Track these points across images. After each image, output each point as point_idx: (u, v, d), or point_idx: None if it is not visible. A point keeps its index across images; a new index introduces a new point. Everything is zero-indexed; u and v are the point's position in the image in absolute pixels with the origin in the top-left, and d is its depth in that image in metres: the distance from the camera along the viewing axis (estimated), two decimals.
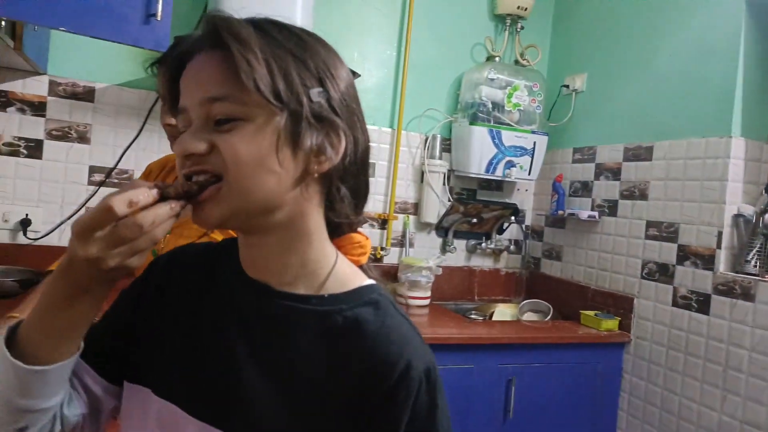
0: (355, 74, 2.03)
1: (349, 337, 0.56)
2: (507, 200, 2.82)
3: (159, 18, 1.48)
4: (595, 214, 2.42)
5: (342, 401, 0.54)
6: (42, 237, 2.07)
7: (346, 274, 0.61)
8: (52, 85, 2.07)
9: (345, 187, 0.59)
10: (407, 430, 0.53)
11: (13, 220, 2.04)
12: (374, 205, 2.60)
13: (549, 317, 2.45)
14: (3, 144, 2.02)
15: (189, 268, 0.66)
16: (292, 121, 0.54)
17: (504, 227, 2.81)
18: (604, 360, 2.27)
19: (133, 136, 2.11)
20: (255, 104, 0.53)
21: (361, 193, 0.62)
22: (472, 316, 2.49)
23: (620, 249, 2.34)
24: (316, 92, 0.55)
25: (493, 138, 2.51)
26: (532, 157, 2.61)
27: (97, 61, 2.11)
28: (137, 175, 2.17)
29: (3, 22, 1.50)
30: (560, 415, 2.21)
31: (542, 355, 2.18)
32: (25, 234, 2.05)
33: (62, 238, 2.10)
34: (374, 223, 2.60)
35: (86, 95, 2.11)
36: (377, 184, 2.60)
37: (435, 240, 2.73)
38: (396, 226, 2.64)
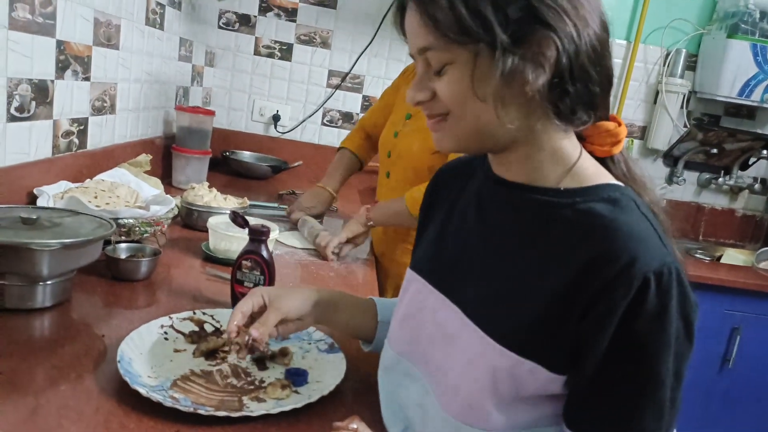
0: None
1: (577, 229, 0.55)
2: (759, 131, 2.42)
3: None
4: None
5: (560, 289, 0.54)
6: (288, 131, 2.37)
7: (586, 173, 0.60)
8: None
9: (572, 91, 0.56)
10: (631, 329, 0.51)
11: (267, 114, 2.36)
12: None
13: None
14: (263, 46, 2.31)
15: (454, 173, 0.77)
16: (489, 51, 0.54)
17: (750, 162, 2.44)
18: None
19: (368, 42, 2.25)
20: (455, 46, 0.55)
21: (598, 88, 0.58)
22: (697, 256, 2.26)
23: None
24: (513, 9, 0.53)
25: (755, 54, 2.14)
26: None
27: None
28: (368, 81, 2.33)
29: None
30: None
31: None
32: (275, 127, 2.36)
33: (303, 134, 2.38)
34: None
35: (331, 2, 2.28)
36: None
37: (660, 169, 2.49)
38: None
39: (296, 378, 0.75)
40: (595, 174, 0.60)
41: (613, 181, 0.60)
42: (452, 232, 0.70)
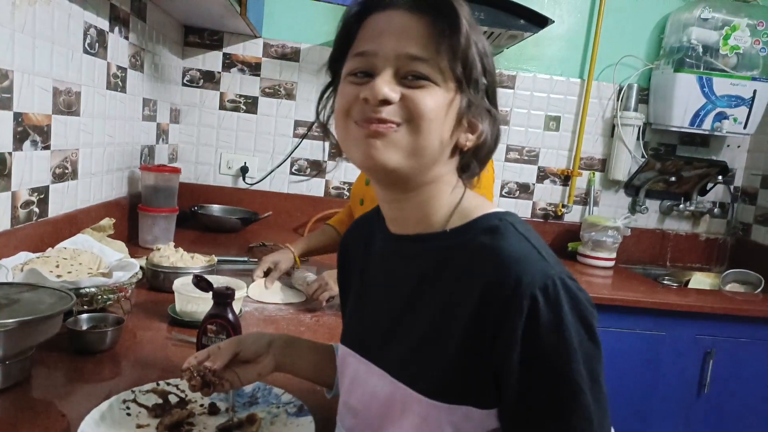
0: (548, 21, 1.94)
1: (468, 264, 0.59)
2: (714, 157, 2.51)
3: None
4: None
5: (467, 327, 0.56)
6: (257, 183, 2.38)
7: (469, 208, 0.64)
8: (266, 47, 2.32)
9: (476, 162, 0.64)
10: (533, 346, 0.53)
11: (235, 167, 2.37)
12: (557, 160, 2.51)
13: (760, 290, 2.17)
14: (228, 101, 2.34)
15: (355, 239, 0.79)
16: (467, 99, 0.60)
17: (708, 188, 2.53)
18: None
19: None
20: (448, 74, 0.59)
21: (486, 163, 0.67)
22: (665, 282, 2.30)
23: None
24: (487, 80, 0.62)
25: (702, 86, 2.24)
26: (750, 108, 2.28)
27: (303, 23, 2.31)
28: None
29: None
30: (766, 396, 1.99)
31: (750, 330, 1.96)
32: (243, 179, 2.37)
33: (272, 184, 2.39)
34: (556, 180, 2.51)
35: (293, 55, 2.33)
36: (561, 138, 2.49)
37: (623, 199, 2.56)
38: (580, 183, 2.53)
39: None
40: (476, 207, 0.64)
41: (492, 209, 0.64)
42: (366, 297, 0.73)
